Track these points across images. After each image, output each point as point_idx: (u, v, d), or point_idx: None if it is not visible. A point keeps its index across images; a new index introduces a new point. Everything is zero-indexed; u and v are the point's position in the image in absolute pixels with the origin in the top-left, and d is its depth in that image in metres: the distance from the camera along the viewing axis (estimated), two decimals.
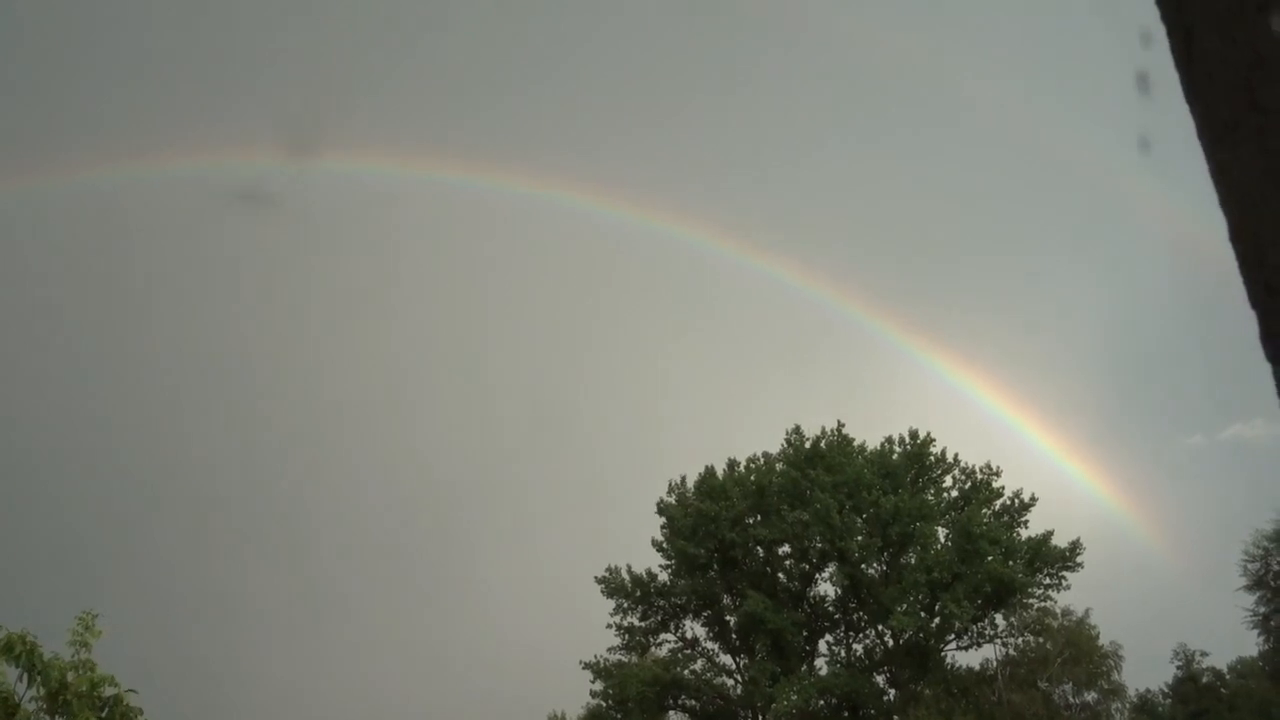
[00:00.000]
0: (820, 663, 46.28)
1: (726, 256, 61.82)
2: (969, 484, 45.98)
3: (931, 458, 46.28)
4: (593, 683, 46.60)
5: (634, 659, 47.34)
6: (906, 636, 44.14)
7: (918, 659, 44.36)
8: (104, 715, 11.66)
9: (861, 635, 47.03)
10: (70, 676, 11.56)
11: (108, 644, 12.24)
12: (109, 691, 11.79)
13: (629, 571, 47.24)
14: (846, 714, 45.62)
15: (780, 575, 47.13)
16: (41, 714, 11.56)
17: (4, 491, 60.23)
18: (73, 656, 11.76)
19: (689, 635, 47.52)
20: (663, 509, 47.21)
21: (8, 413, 65.28)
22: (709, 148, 78.99)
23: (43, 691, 11.52)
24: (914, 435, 46.48)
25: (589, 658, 46.77)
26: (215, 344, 76.90)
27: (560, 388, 79.25)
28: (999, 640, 45.19)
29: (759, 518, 45.74)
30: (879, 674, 46.42)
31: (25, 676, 11.52)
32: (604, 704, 47.81)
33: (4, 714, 11.24)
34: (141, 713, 11.97)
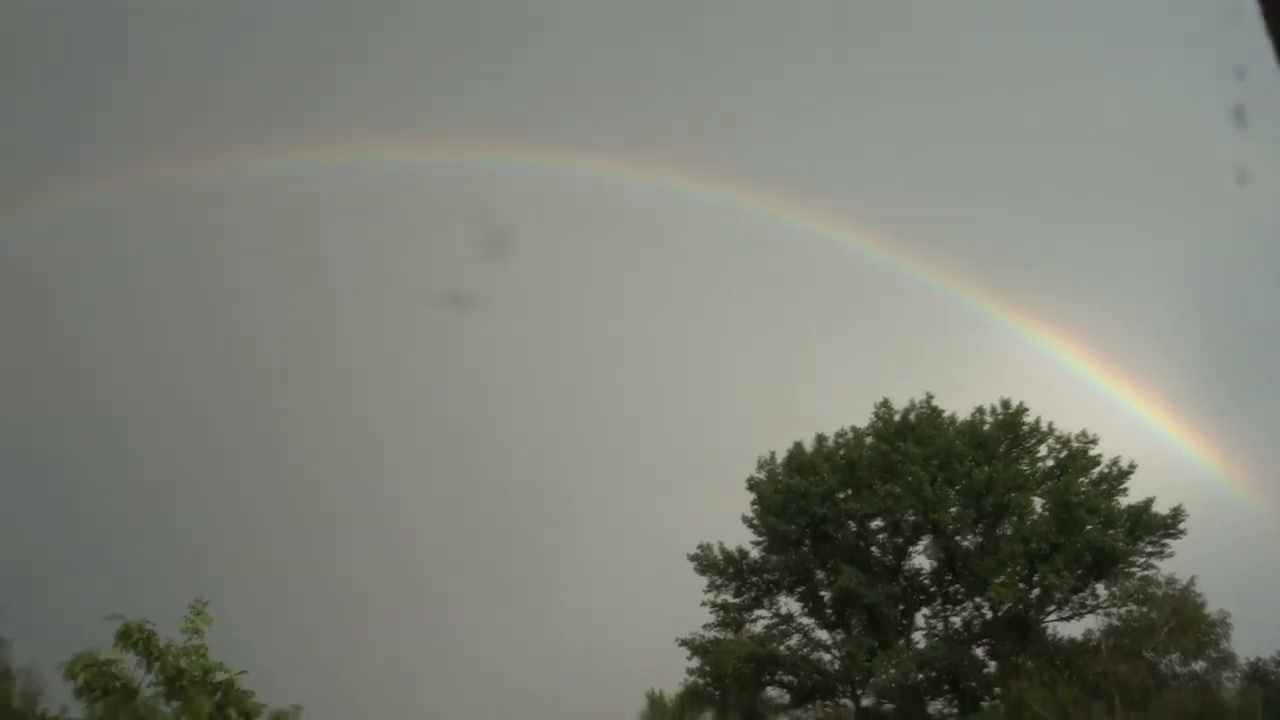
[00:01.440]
0: (918, 636, 46.08)
1: (798, 228, 61.24)
2: (1064, 452, 45.25)
3: (1024, 427, 45.60)
4: (689, 660, 46.92)
5: (729, 635, 47.53)
6: (1005, 608, 43.63)
7: (1018, 630, 43.87)
8: (217, 698, 12.19)
9: (959, 608, 46.64)
10: (184, 662, 12.11)
11: (222, 634, 12.76)
12: (220, 676, 12.32)
13: (721, 548, 47.41)
14: (947, 687, 45.39)
15: (874, 549, 46.91)
16: (159, 698, 12.13)
17: (131, 488, 62.34)
18: (186, 643, 12.31)
19: (783, 611, 47.62)
20: (753, 485, 47.26)
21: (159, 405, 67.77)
22: (770, 113, 77.71)
23: (160, 677, 12.09)
24: (1006, 405, 45.84)
25: (684, 635, 47.03)
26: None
27: (641, 369, 79.26)
28: (1101, 610, 44.41)
29: (850, 492, 45.55)
30: (978, 646, 46.01)
31: (144, 663, 12.10)
32: (701, 681, 48.07)
33: (125, 699, 11.82)
34: (253, 694, 12.49)
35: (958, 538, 44.53)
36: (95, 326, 71.27)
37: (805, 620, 47.60)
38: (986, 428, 45.62)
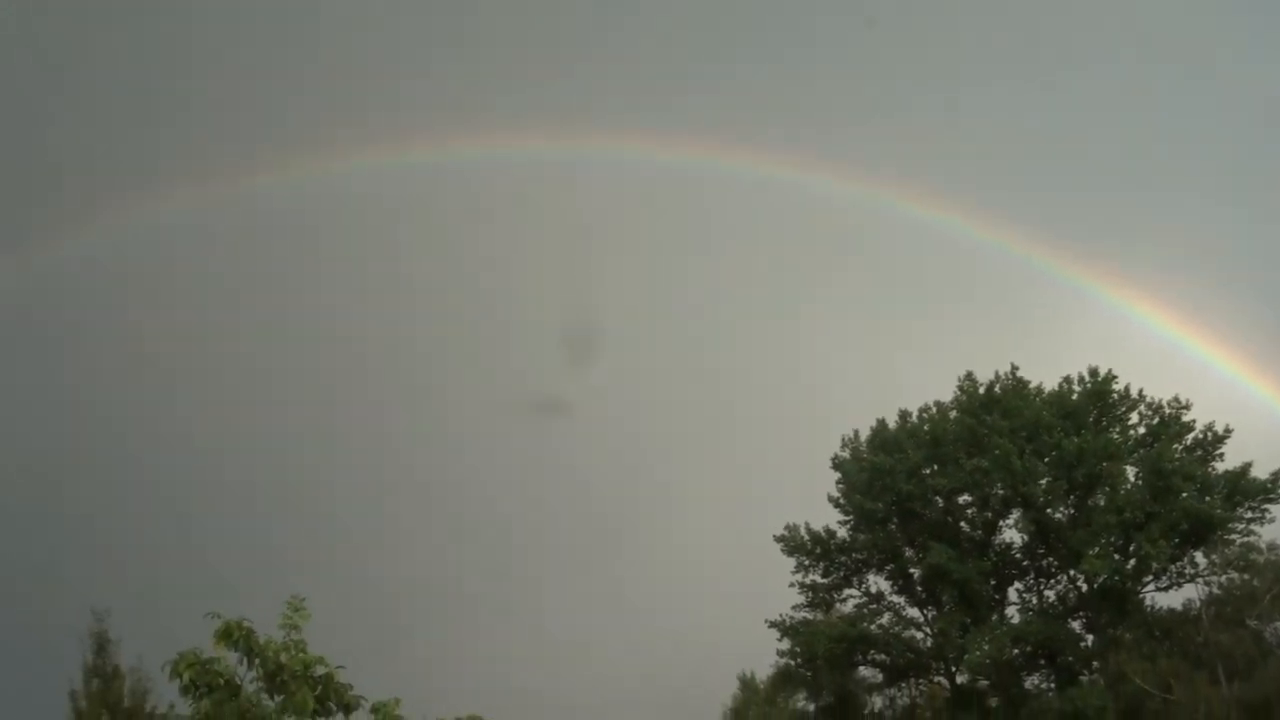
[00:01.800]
0: (1011, 611, 45.46)
1: (873, 202, 60.49)
2: (1156, 419, 44.22)
3: (1114, 395, 44.65)
4: (779, 641, 46.84)
5: (819, 616, 47.34)
6: (1101, 580, 42.91)
7: (1115, 602, 43.08)
8: (318, 692, 12.40)
9: (1053, 581, 45.93)
10: (284, 658, 12.33)
11: (319, 629, 12.96)
12: (320, 670, 12.53)
13: (808, 529, 47.18)
14: (1043, 662, 44.79)
15: (962, 525, 46.34)
16: (261, 694, 12.38)
17: (227, 489, 63.95)
18: (285, 638, 12.53)
19: (873, 590, 47.28)
20: (837, 464, 46.92)
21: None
22: (841, 86, 76.61)
23: (261, 673, 12.33)
24: (1093, 373, 44.91)
25: (773, 617, 46.92)
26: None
27: (720, 351, 79.04)
28: (1201, 579, 43.38)
29: (936, 468, 45.00)
30: (1074, 620, 45.34)
31: (245, 660, 12.36)
32: (792, 662, 47.99)
33: (229, 695, 12.07)
34: (351, 687, 12.69)
35: (1049, 510, 43.80)
36: (186, 334, 73.14)
37: (895, 598, 47.29)
38: (1075, 397, 44.77)
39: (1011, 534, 45.62)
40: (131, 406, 67.37)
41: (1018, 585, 46.19)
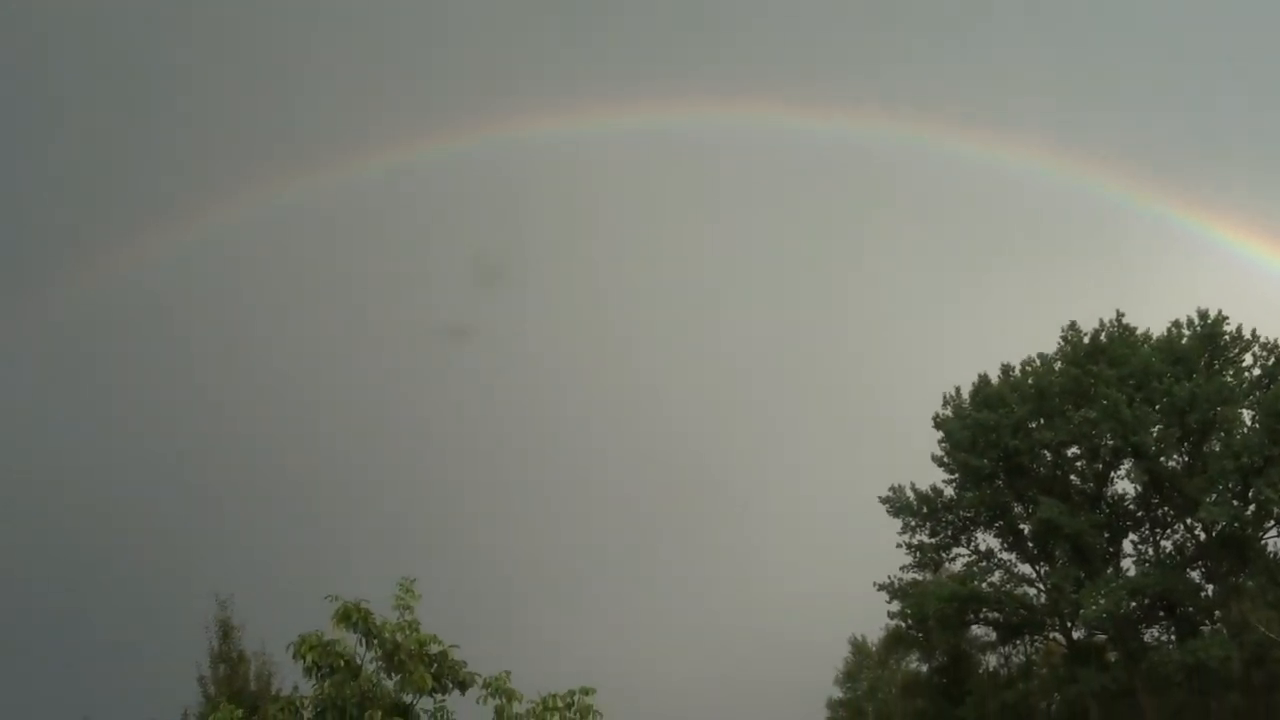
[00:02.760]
0: (1127, 564, 44.46)
1: (955, 152, 59.11)
2: (1272, 360, 42.75)
3: (1226, 337, 43.26)
4: (889, 603, 46.50)
5: (928, 576, 46.88)
6: (1220, 528, 41.78)
7: (1235, 550, 41.95)
8: (434, 670, 12.71)
9: (1169, 531, 44.82)
10: (400, 638, 12.66)
11: (431, 607, 13.25)
12: (434, 649, 12.83)
13: (913, 489, 46.66)
14: (1162, 614, 43.85)
15: (1072, 478, 45.39)
16: (380, 673, 12.73)
17: (341, 480, 65.62)
18: (399, 619, 12.86)
19: (982, 548, 46.60)
20: (939, 423, 46.24)
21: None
22: (888, 22, 74.71)
23: (379, 653, 12.68)
24: (1203, 315, 43.55)
25: (881, 580, 46.58)
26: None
27: (805, 315, 78.26)
28: None
29: (1042, 421, 44.08)
30: (1193, 569, 44.30)
31: (363, 640, 12.71)
32: (903, 624, 47.65)
33: (350, 675, 12.44)
34: (465, 664, 12.98)
35: (1162, 459, 42.71)
36: (293, 328, 75.00)
37: (1006, 555, 46.48)
38: (1184, 341, 43.50)
39: (1124, 485, 44.61)
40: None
41: (1133, 537, 45.18)
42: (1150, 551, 44.65)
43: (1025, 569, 46.19)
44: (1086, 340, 44.66)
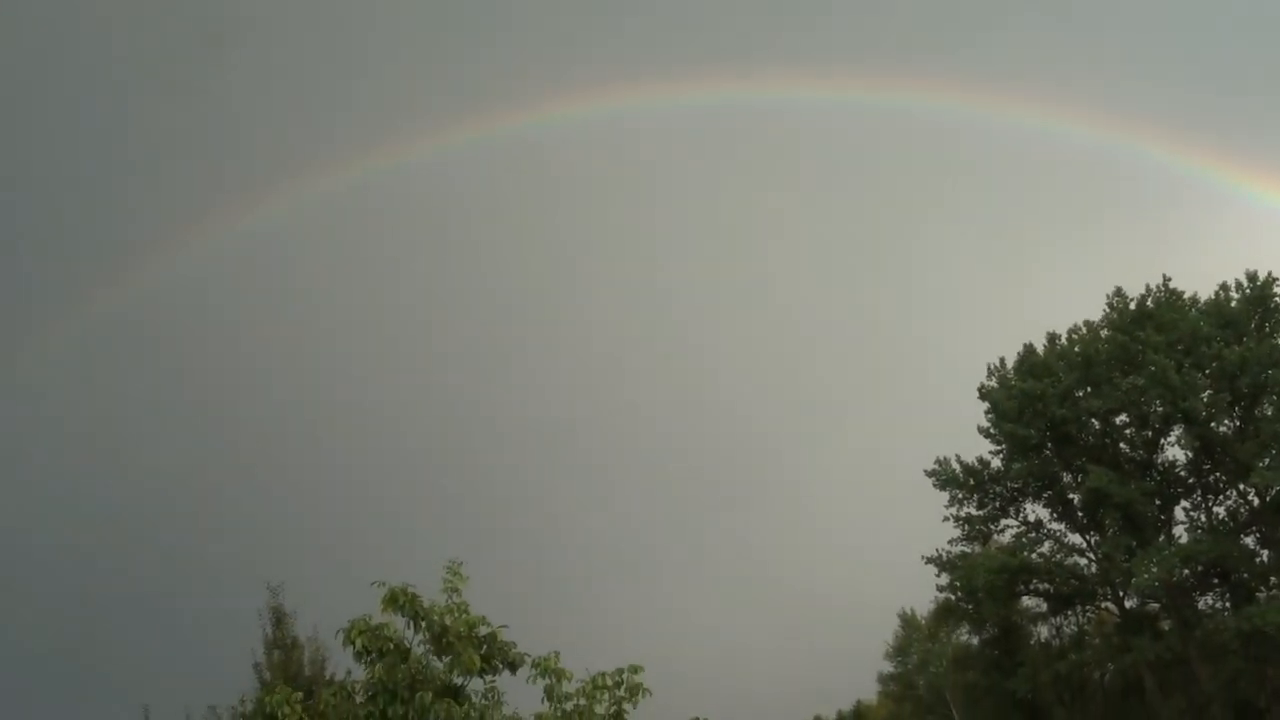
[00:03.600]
0: (1179, 531, 43.96)
1: (995, 119, 58.39)
2: None
3: (1276, 299, 42.49)
4: (938, 576, 46.27)
5: (977, 549, 46.57)
6: (1273, 492, 41.09)
7: None
8: (484, 651, 12.78)
9: (1221, 497, 44.19)
10: (448, 620, 12.74)
11: (482, 590, 13.33)
12: (483, 630, 12.90)
13: (959, 461, 46.32)
14: (1216, 580, 43.31)
15: (1121, 445, 44.85)
16: (429, 655, 12.81)
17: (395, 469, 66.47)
18: (447, 601, 12.93)
19: (1031, 518, 46.20)
20: (984, 394, 45.81)
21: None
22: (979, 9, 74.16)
23: (428, 635, 12.77)
24: (1252, 278, 42.77)
25: (928, 553, 46.32)
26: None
27: (852, 288, 77.96)
28: None
29: (1089, 389, 43.58)
30: (1247, 535, 43.58)
31: (411, 624, 12.81)
32: (953, 597, 47.41)
33: (399, 658, 12.54)
34: (515, 645, 13.04)
35: (1212, 424, 42.04)
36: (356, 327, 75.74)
37: (1055, 526, 46.10)
38: (1234, 304, 42.73)
39: (1174, 451, 44.01)
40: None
41: (1184, 504, 44.61)
42: (1203, 518, 44.07)
43: (1075, 539, 45.85)
44: (1133, 306, 44.04)
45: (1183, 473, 44.30)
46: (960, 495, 46.19)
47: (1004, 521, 46.59)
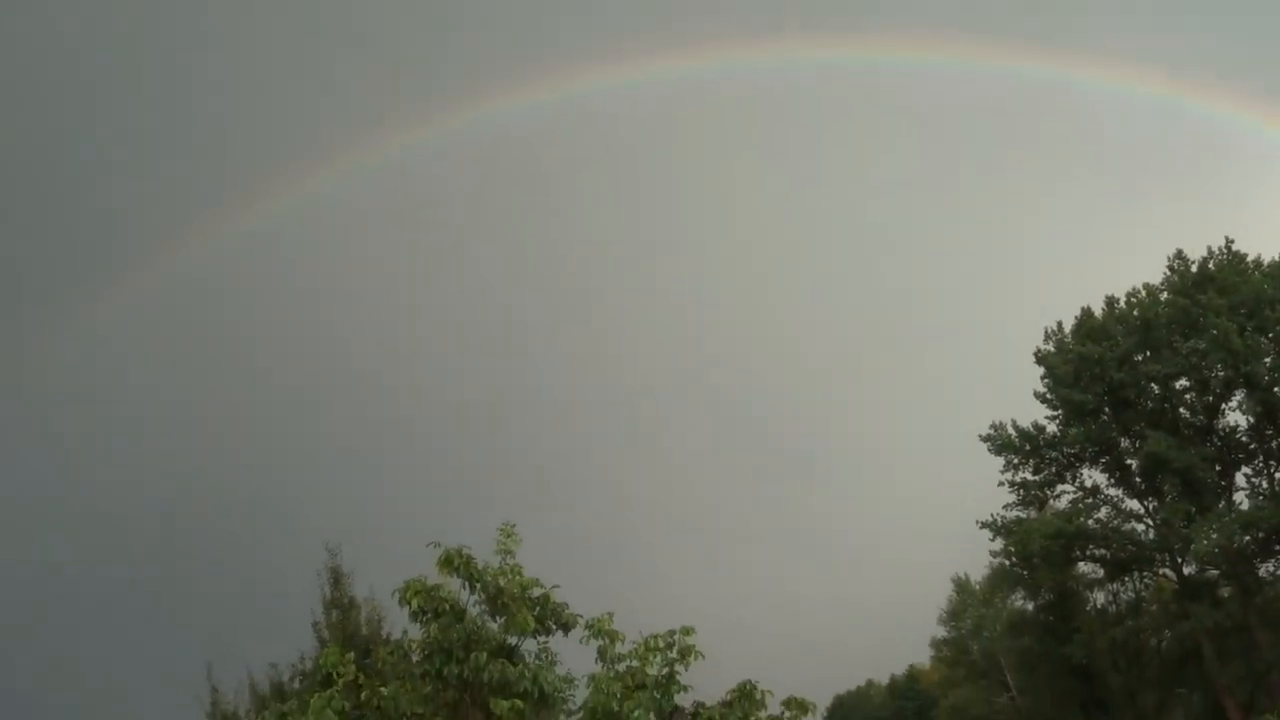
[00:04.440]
0: (1239, 497, 43.19)
1: (1068, 81, 57.32)
2: None
3: None
4: (992, 541, 45.93)
5: (1032, 514, 46.16)
6: None
7: None
8: (537, 612, 12.93)
9: None
10: (502, 581, 12.89)
11: (535, 553, 13.47)
12: (536, 592, 13.04)
13: (1015, 426, 45.85)
14: (1277, 547, 42.63)
15: (1181, 410, 44.12)
16: (484, 616, 12.98)
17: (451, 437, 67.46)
18: (500, 563, 13.08)
19: (1088, 484, 45.68)
20: (1041, 358, 45.28)
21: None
22: None
23: (482, 596, 12.94)
24: None
25: (982, 519, 45.96)
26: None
27: (912, 252, 77.27)
28: None
29: (1148, 354, 42.90)
30: None
31: (466, 585, 12.98)
32: (1007, 562, 47.07)
33: (455, 619, 12.72)
34: (567, 606, 13.17)
35: (1276, 389, 41.28)
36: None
37: (1112, 491, 45.54)
38: None
39: (1235, 417, 43.23)
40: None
41: (1245, 470, 43.87)
42: (1264, 484, 43.32)
43: (1133, 504, 45.27)
44: (1194, 269, 43.22)
45: (1244, 438, 43.54)
46: (1016, 460, 45.77)
47: (1060, 487, 46.14)
